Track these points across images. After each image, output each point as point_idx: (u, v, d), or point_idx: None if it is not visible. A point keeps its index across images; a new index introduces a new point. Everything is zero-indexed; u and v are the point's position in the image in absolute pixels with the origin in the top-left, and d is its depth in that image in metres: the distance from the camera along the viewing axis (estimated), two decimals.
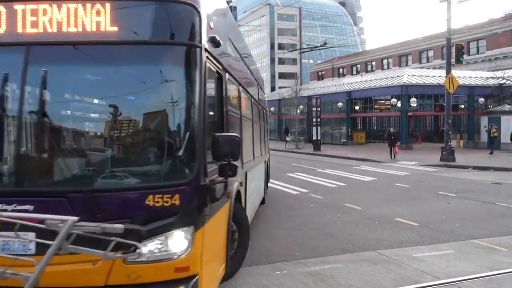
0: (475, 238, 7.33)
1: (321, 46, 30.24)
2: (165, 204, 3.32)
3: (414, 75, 33.18)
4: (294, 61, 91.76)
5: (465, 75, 33.72)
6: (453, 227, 8.23)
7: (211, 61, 3.94)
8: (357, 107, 37.33)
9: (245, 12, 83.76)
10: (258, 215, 9.59)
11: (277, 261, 6.13)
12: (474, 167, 18.92)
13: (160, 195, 3.32)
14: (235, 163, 3.76)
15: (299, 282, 5.21)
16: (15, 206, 3.20)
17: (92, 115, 3.95)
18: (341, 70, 69.01)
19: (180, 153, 3.57)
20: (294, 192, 12.61)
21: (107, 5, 3.46)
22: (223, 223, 4.53)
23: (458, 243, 7.08)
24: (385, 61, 59.24)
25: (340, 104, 36.46)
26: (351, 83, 39.83)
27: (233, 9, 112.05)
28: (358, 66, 64.44)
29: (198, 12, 3.60)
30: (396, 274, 5.47)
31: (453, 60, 21.12)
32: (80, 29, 3.47)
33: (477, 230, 7.99)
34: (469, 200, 11.17)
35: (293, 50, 41.67)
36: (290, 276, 5.42)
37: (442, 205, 10.49)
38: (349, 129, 36.91)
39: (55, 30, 3.47)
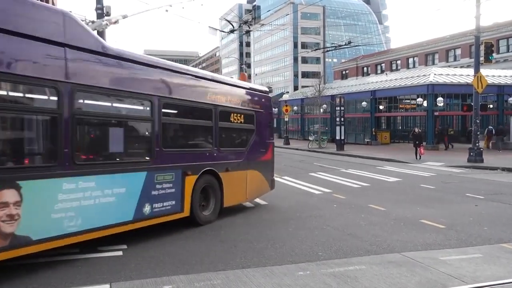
0: (505, 242, 7.13)
1: (345, 44, 29.77)
2: None
3: (441, 74, 32.52)
4: (317, 60, 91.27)
5: (494, 74, 32.91)
6: (481, 230, 8.03)
7: None
8: (381, 107, 36.82)
9: (268, 11, 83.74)
10: (281, 214, 9.57)
11: (300, 261, 6.10)
12: (504, 169, 18.38)
13: None
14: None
15: (323, 283, 5.17)
16: None
17: None
18: (365, 69, 68.26)
19: None
20: (317, 192, 12.53)
21: None
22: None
23: (487, 247, 6.89)
24: (410, 60, 58.29)
25: (364, 103, 36.05)
26: (376, 82, 39.35)
27: (256, 8, 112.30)
28: (383, 65, 63.60)
29: None
30: (421, 277, 5.36)
31: (482, 58, 20.57)
32: None
33: (507, 233, 7.76)
34: (498, 203, 10.86)
35: (317, 49, 41.20)
36: (313, 277, 5.38)
37: (469, 207, 10.24)
38: (373, 129, 36.45)
39: None
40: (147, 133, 7.49)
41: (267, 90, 11.65)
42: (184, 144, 8.46)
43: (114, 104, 6.94)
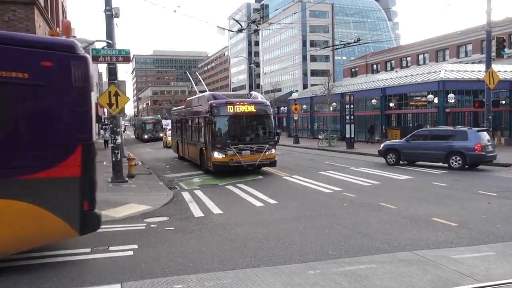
0: None
1: (354, 42, 29.64)
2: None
3: (452, 70, 32.17)
4: (326, 58, 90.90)
5: (506, 70, 32.46)
6: (494, 228, 7.93)
7: None
8: (391, 104, 36.53)
9: (277, 9, 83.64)
10: (290, 213, 9.54)
11: (310, 260, 6.08)
12: None
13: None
14: None
15: (333, 281, 5.14)
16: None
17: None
18: (375, 66, 67.79)
19: None
20: (327, 191, 12.48)
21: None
22: None
23: (500, 245, 6.80)
24: (421, 56, 57.74)
25: (374, 101, 35.80)
26: (386, 79, 39.05)
27: (264, 7, 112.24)
28: (393, 62, 63.10)
29: None
30: (433, 275, 5.31)
31: (493, 54, 20.30)
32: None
33: None
34: None
35: (325, 47, 41.14)
36: (323, 276, 5.36)
37: (482, 205, 10.11)
38: (384, 127, 36.18)
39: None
40: None
41: (69, 42, 6.14)
42: None
43: None
